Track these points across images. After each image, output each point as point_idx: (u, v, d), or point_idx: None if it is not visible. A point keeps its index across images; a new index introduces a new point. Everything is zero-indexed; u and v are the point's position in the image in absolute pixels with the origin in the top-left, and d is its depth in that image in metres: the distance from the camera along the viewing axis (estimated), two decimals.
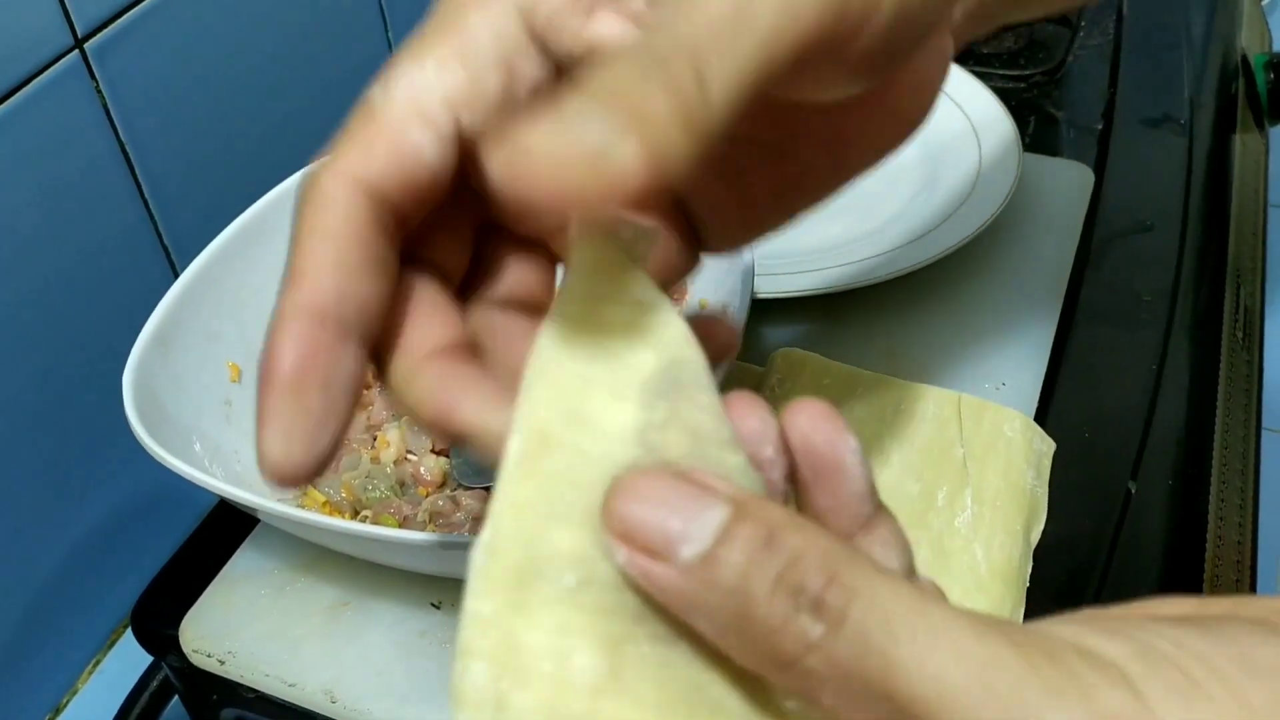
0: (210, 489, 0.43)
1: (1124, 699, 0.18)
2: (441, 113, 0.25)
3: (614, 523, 0.21)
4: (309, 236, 0.24)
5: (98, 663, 0.62)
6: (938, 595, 0.22)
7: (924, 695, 0.18)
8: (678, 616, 0.21)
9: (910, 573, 0.24)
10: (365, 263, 0.24)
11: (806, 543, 0.20)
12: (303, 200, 0.25)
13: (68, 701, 0.60)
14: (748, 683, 0.21)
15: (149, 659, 0.55)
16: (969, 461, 0.50)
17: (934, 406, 0.53)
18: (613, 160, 0.19)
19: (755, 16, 0.21)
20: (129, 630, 0.61)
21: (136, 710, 0.56)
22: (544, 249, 0.28)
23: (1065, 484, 0.52)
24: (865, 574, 0.19)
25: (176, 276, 0.52)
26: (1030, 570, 0.47)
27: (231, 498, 0.43)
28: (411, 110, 0.25)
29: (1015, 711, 0.18)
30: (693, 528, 0.20)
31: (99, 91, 0.54)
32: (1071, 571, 0.49)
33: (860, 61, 0.24)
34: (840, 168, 0.29)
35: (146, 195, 0.58)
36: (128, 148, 0.56)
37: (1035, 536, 0.49)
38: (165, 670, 0.55)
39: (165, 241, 0.60)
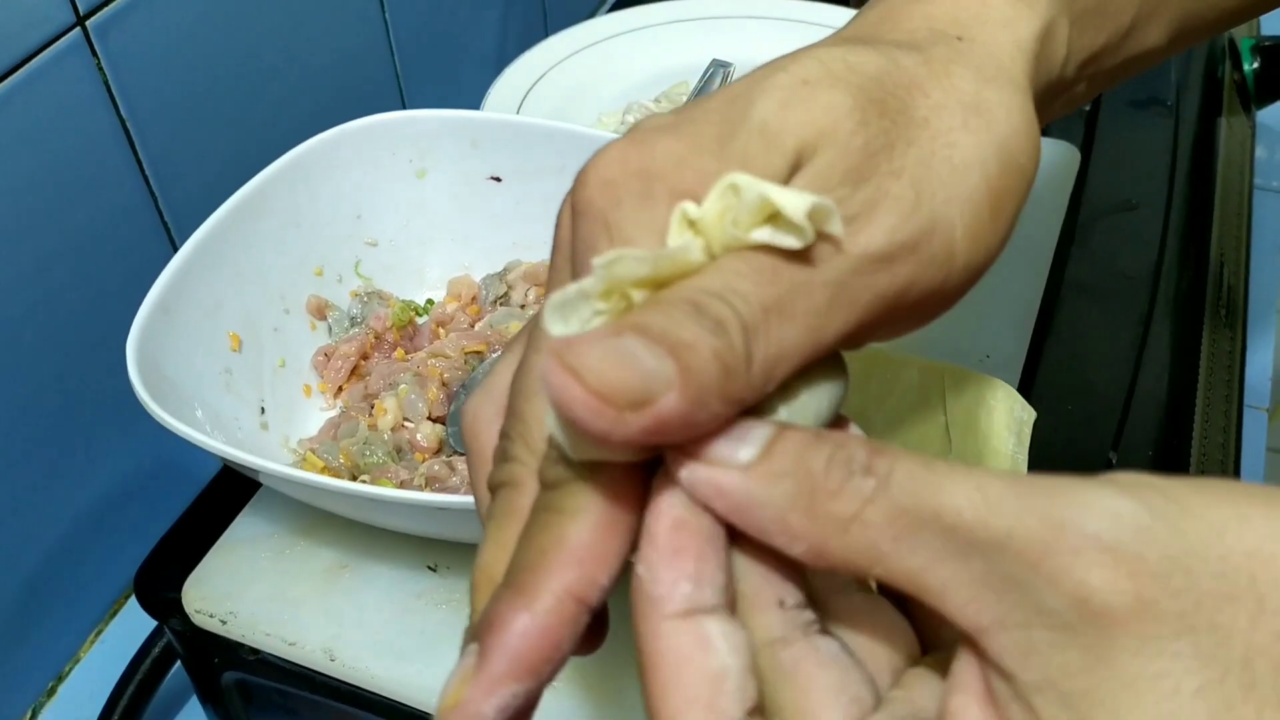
0: (213, 451, 0.44)
1: (1148, 478, 0.20)
2: None
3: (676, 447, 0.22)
4: (589, 514, 0.23)
5: (100, 631, 0.63)
6: None
7: (970, 503, 0.20)
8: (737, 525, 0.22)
9: None
10: (628, 550, 0.23)
11: (846, 436, 0.22)
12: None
13: (70, 669, 0.61)
14: None
15: (151, 628, 0.56)
16: (951, 428, 0.51)
17: (919, 376, 0.54)
18: (652, 403, 0.20)
19: (806, 309, 0.23)
20: (131, 599, 0.62)
21: (138, 677, 0.57)
22: None
23: (1047, 453, 0.53)
24: (901, 451, 0.21)
25: (176, 251, 0.53)
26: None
27: (234, 460, 0.44)
28: None
29: (1057, 494, 0.20)
30: (749, 435, 0.22)
31: (100, 69, 0.55)
32: None
33: (940, 304, 0.26)
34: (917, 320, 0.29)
35: (147, 171, 0.59)
36: (128, 124, 0.57)
37: None
38: (167, 637, 0.56)
39: (165, 217, 0.61)
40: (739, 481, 0.21)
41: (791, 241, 0.23)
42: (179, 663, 0.56)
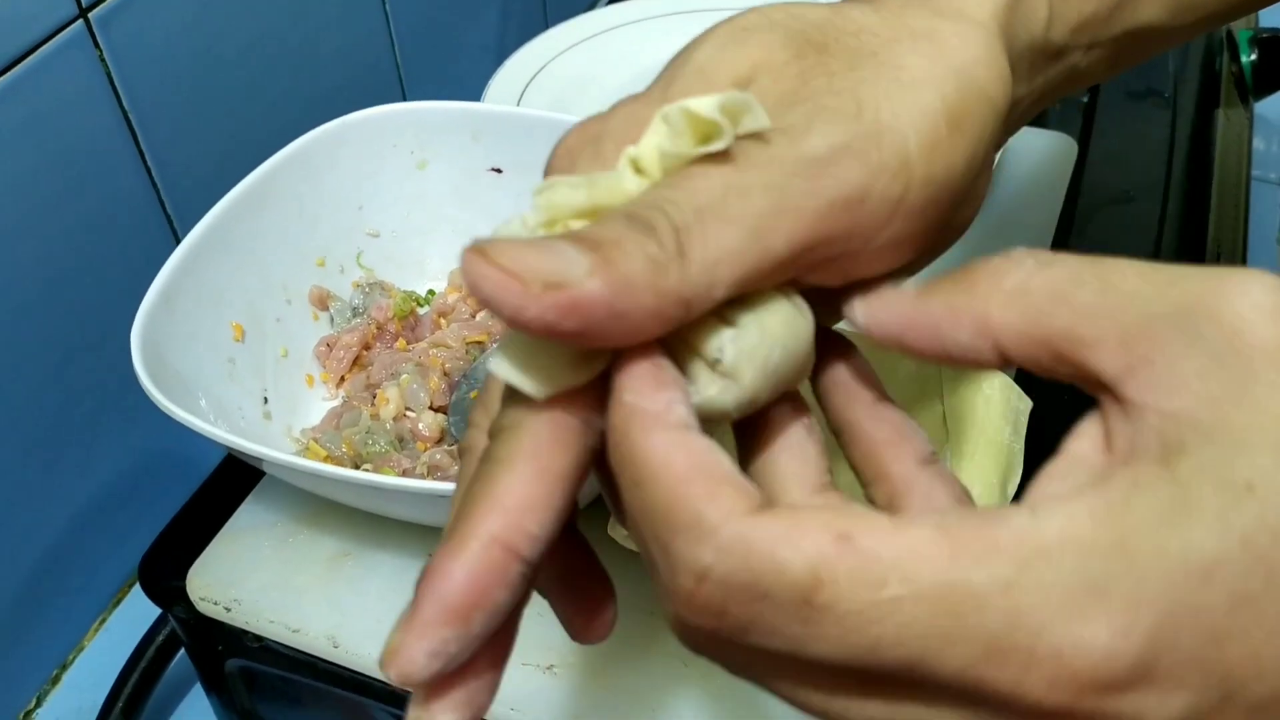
0: (217, 440, 0.45)
1: None
2: None
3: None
4: (517, 462, 0.23)
5: (104, 619, 0.63)
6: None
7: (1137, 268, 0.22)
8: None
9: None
10: (563, 502, 0.24)
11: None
12: (508, 429, 0.24)
13: (74, 657, 0.62)
14: None
15: (154, 616, 0.57)
16: (949, 418, 0.52)
17: (917, 366, 0.55)
18: (569, 286, 0.21)
19: (743, 211, 0.23)
20: (134, 588, 0.63)
21: (142, 665, 0.57)
22: None
23: (1043, 443, 0.53)
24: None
25: (179, 242, 0.53)
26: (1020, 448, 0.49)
27: (238, 449, 0.45)
28: None
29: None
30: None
31: (103, 61, 0.55)
32: None
33: (913, 221, 0.26)
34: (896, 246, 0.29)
35: (149, 163, 0.59)
36: (131, 116, 0.57)
37: (1011, 490, 0.50)
38: (171, 625, 0.56)
39: (168, 209, 0.61)
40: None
41: (718, 146, 0.23)
42: (183, 650, 0.56)
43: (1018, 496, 0.24)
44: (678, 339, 0.24)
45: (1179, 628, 0.19)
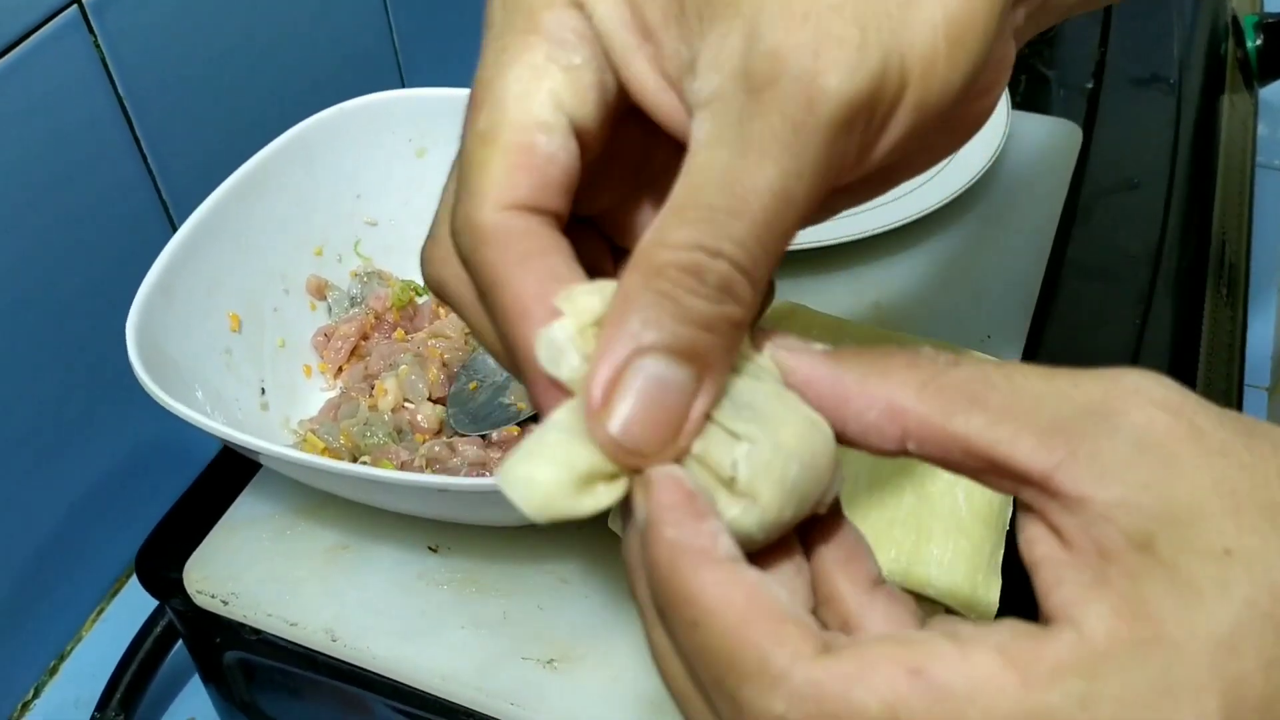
0: (214, 433, 0.44)
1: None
2: (555, 113, 0.26)
3: None
4: (515, 267, 0.25)
5: (102, 610, 0.63)
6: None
7: (1031, 372, 0.24)
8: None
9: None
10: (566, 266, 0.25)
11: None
12: (474, 242, 0.25)
13: (72, 648, 0.62)
14: None
15: (152, 606, 0.57)
16: None
17: None
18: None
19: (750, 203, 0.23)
20: (132, 578, 0.63)
21: (140, 656, 0.57)
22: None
23: None
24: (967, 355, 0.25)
25: (175, 231, 0.53)
26: (1010, 514, 0.48)
27: (235, 441, 0.44)
28: (529, 123, 0.26)
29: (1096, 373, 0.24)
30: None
31: (98, 46, 0.54)
32: None
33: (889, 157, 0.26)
34: (892, 179, 0.30)
35: (145, 150, 0.59)
36: (126, 103, 0.57)
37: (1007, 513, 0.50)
38: (169, 616, 0.56)
39: (164, 196, 0.61)
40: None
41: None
42: (181, 641, 0.56)
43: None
44: (691, 457, 0.24)
45: (1239, 700, 0.20)
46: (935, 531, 0.46)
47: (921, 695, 0.21)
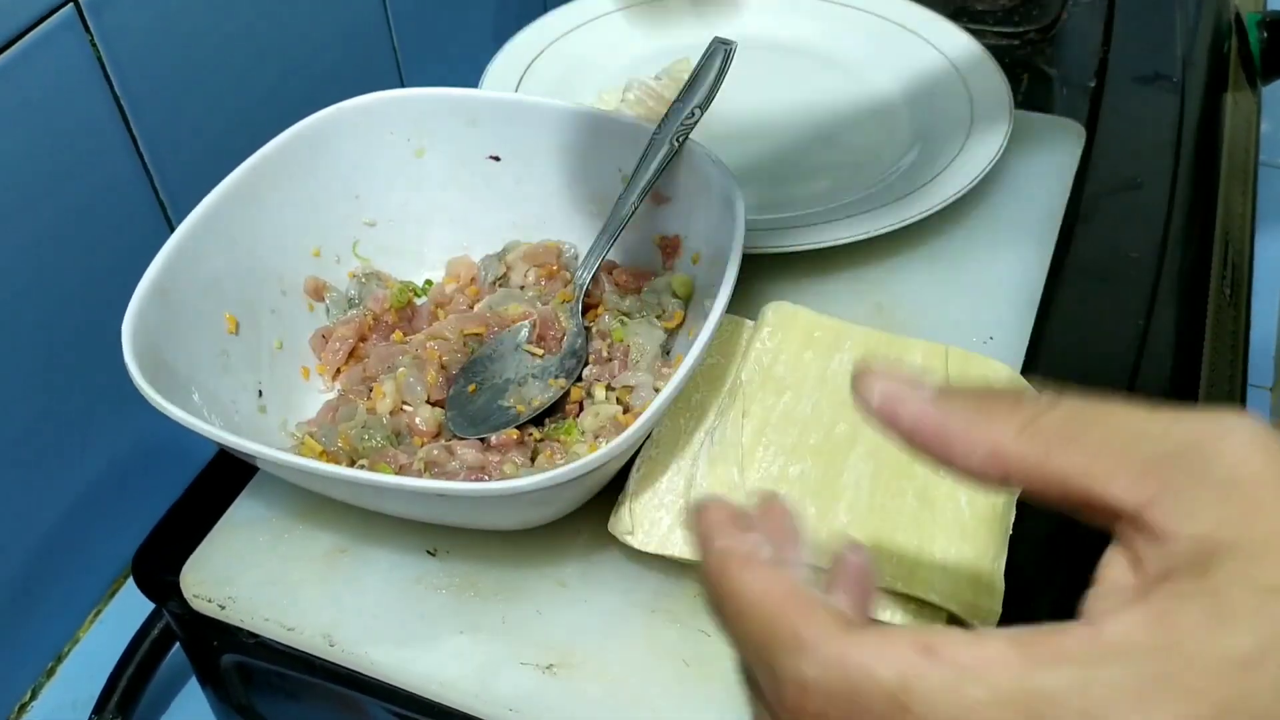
0: (210, 437, 0.44)
1: None
2: None
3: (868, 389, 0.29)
4: None
5: (99, 612, 0.63)
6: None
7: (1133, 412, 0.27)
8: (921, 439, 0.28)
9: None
10: None
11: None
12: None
13: (70, 650, 0.61)
14: None
15: (150, 608, 0.56)
16: None
17: (921, 358, 0.54)
18: None
19: None
20: (129, 580, 0.62)
21: (138, 658, 0.57)
22: None
23: None
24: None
25: (172, 231, 0.52)
26: (1013, 518, 0.48)
27: (231, 445, 0.44)
28: None
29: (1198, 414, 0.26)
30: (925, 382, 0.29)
31: (94, 45, 0.54)
32: (1054, 520, 0.50)
33: None
34: None
35: (142, 149, 0.58)
36: (123, 102, 0.56)
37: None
38: (166, 618, 0.56)
39: (161, 196, 0.60)
40: (928, 409, 0.28)
41: None
42: (178, 644, 0.56)
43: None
44: None
45: (1234, 711, 0.22)
46: (938, 537, 0.46)
47: (930, 665, 0.23)
